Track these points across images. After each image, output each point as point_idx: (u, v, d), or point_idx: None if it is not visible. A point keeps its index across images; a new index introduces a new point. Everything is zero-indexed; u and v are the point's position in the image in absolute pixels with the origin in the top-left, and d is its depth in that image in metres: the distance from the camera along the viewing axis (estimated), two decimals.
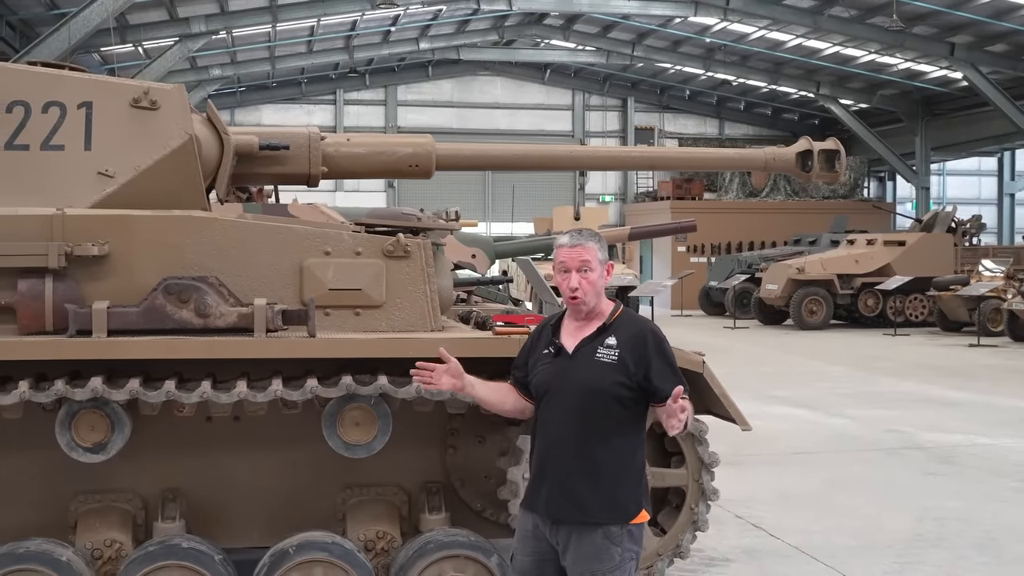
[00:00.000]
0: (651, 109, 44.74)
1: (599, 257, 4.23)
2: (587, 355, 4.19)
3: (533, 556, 4.27)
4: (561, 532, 4.17)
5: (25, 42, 25.74)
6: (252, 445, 5.77)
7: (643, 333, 4.21)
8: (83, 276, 5.34)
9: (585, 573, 4.12)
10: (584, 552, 4.13)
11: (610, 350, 4.16)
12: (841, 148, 7.46)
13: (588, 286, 4.20)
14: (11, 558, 5.20)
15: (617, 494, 4.15)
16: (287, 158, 6.58)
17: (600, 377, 4.14)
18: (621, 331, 4.21)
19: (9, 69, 5.95)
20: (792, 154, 7.44)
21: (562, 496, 4.14)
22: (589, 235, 4.29)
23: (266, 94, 42.14)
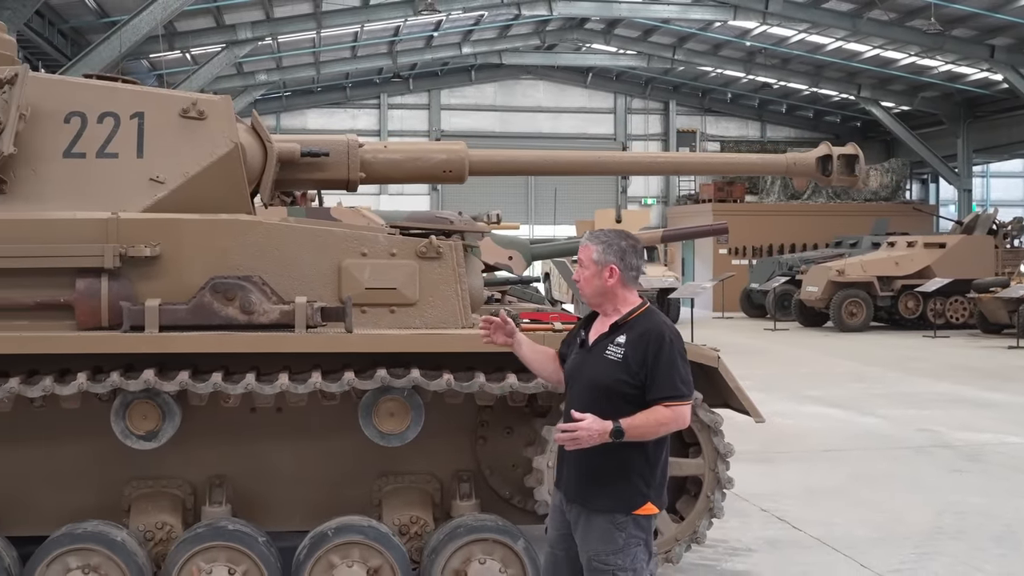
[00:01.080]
0: (693, 112, 44.82)
1: (593, 257, 4.50)
2: (599, 351, 4.49)
3: (560, 530, 4.60)
4: (574, 511, 4.50)
5: (76, 50, 26.34)
6: (293, 435, 6.12)
7: (648, 335, 4.43)
8: (136, 275, 5.69)
9: (590, 552, 4.41)
10: (591, 534, 4.42)
11: (617, 348, 4.43)
12: (860, 153, 7.68)
13: (583, 281, 4.56)
14: (70, 538, 5.58)
15: (622, 486, 4.40)
16: (327, 164, 6.92)
17: (605, 373, 4.42)
18: (632, 331, 4.46)
19: (67, 82, 6.34)
20: (812, 159, 7.69)
21: (576, 480, 4.45)
22: (599, 237, 4.57)
23: (311, 98, 42.57)
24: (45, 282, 5.63)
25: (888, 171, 39.64)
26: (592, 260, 4.50)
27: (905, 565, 7.38)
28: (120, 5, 25.74)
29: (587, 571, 4.47)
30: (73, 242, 5.65)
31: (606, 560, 4.39)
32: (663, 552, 6.09)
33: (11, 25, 19.01)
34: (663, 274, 29.54)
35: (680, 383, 4.42)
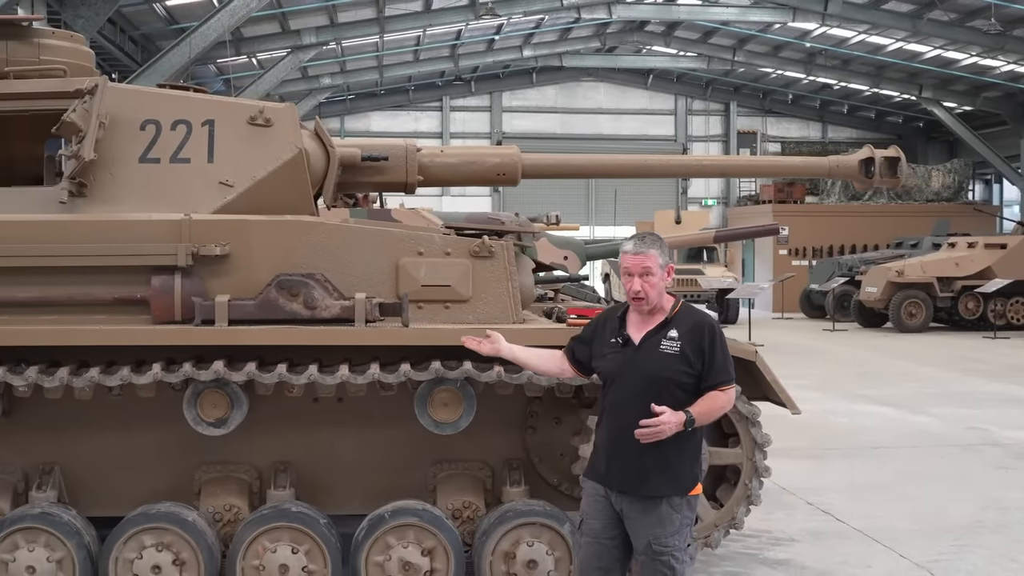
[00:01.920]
0: (754, 113, 44.79)
1: (659, 262, 4.80)
2: (652, 346, 4.78)
3: (604, 520, 4.88)
4: (625, 501, 4.79)
5: (146, 56, 27.01)
6: (354, 423, 6.46)
7: (701, 326, 4.80)
8: (207, 273, 6.05)
9: (650, 537, 4.72)
10: (649, 520, 4.73)
11: (673, 342, 4.75)
12: (902, 156, 7.88)
13: (650, 289, 4.79)
14: (145, 517, 5.98)
15: (677, 469, 4.75)
16: (387, 168, 7.26)
17: (665, 366, 4.73)
18: (682, 324, 4.79)
19: (142, 92, 6.74)
20: (855, 161, 7.89)
21: (632, 471, 4.74)
22: (652, 242, 4.87)
23: (374, 101, 43.09)
24: (123, 279, 6.00)
25: (950, 171, 39.38)
26: (659, 265, 4.78)
27: (944, 556, 7.58)
28: (189, 12, 26.39)
29: (644, 554, 4.76)
30: (149, 242, 6.02)
31: (665, 543, 4.72)
32: (703, 537, 6.36)
33: (85, 33, 19.62)
34: (722, 275, 29.64)
35: (730, 368, 4.83)
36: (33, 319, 5.96)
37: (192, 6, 26.21)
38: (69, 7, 19.93)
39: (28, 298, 5.97)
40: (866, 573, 7.24)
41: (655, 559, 4.73)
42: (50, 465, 6.33)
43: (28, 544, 5.90)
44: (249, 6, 23.01)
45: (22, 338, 5.91)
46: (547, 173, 8.03)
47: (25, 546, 5.89)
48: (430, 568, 6.03)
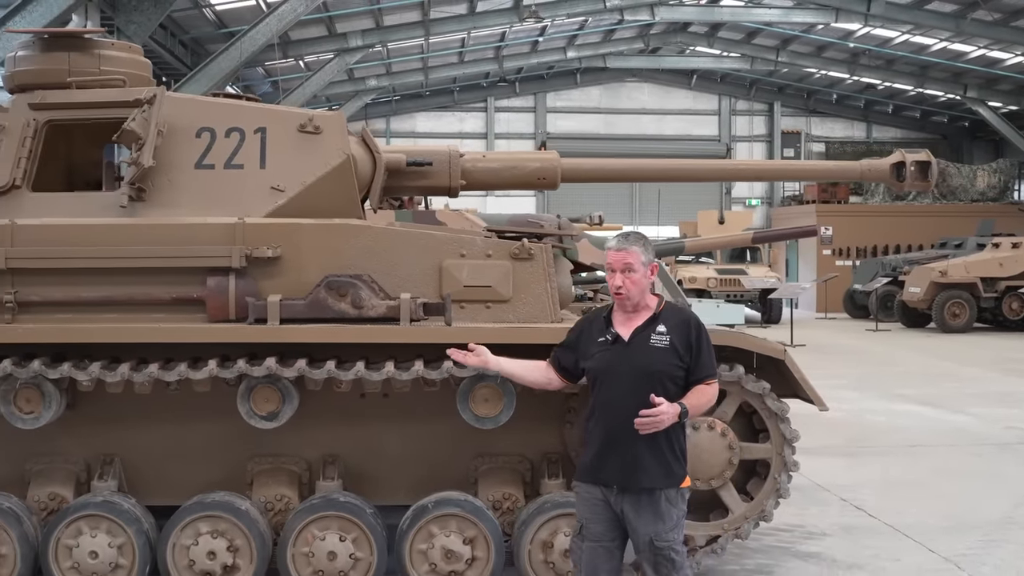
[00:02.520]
0: (798, 113, 44.66)
1: (642, 259, 4.99)
2: (642, 341, 4.98)
3: (605, 523, 5.04)
4: (626, 499, 4.95)
5: (196, 60, 27.47)
6: (399, 418, 6.72)
7: (688, 322, 5.03)
8: (259, 274, 6.34)
9: (651, 533, 4.90)
10: (648, 516, 4.92)
11: (662, 336, 4.96)
12: (933, 160, 8.04)
13: (631, 284, 4.99)
14: (200, 506, 6.30)
15: (671, 462, 4.94)
16: (431, 173, 7.54)
17: (657, 359, 4.93)
18: (669, 320, 5.01)
19: (199, 101, 7.06)
20: (887, 165, 8.07)
21: (628, 465, 4.91)
22: (635, 239, 5.07)
23: (420, 102, 43.36)
24: (179, 279, 6.31)
25: (996, 171, 39.18)
26: (641, 263, 4.98)
27: (971, 551, 7.77)
28: (238, 16, 26.83)
29: (646, 551, 4.93)
30: (204, 244, 6.32)
31: (666, 537, 4.90)
32: (733, 529, 6.59)
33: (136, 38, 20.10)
34: (765, 275, 29.74)
35: (714, 363, 5.07)
36: (96, 317, 6.28)
37: (241, 10, 26.65)
38: (122, 13, 20.37)
39: (91, 298, 6.29)
40: (895, 566, 7.44)
41: (658, 554, 4.90)
42: (111, 456, 6.64)
43: (91, 530, 6.23)
44: (296, 11, 23.39)
45: (86, 335, 6.24)
46: (586, 177, 8.29)
47: (88, 532, 6.23)
48: (471, 556, 6.30)
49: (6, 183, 6.58)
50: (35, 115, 6.75)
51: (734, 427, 6.55)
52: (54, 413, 6.26)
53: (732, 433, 6.50)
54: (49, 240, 6.32)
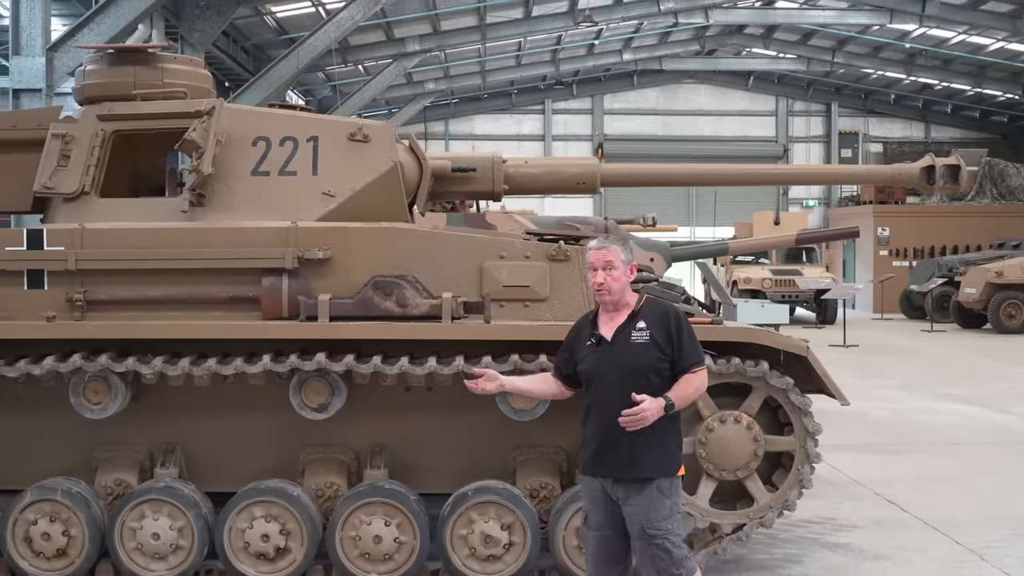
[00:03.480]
0: (855, 113, 44.52)
1: (621, 258, 5.25)
2: (624, 339, 5.22)
3: (605, 513, 5.30)
4: (620, 489, 5.21)
5: (258, 65, 28.12)
6: (442, 410, 7.08)
7: (666, 315, 5.24)
8: (311, 274, 6.75)
9: (643, 522, 5.15)
10: (641, 504, 5.16)
11: (642, 332, 5.19)
12: (962, 163, 8.27)
13: (612, 282, 5.23)
14: (255, 492, 6.72)
15: (662, 452, 5.18)
16: (475, 178, 7.91)
17: (638, 355, 5.16)
18: (648, 315, 5.24)
19: (255, 112, 7.49)
20: (917, 169, 8.31)
21: (622, 457, 5.16)
22: (615, 240, 5.35)
23: (478, 105, 43.85)
24: (236, 279, 6.74)
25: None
26: (621, 261, 5.24)
27: (997, 544, 8.00)
28: (298, 23, 27.44)
29: (640, 540, 5.16)
30: (259, 246, 6.75)
31: (658, 526, 5.12)
32: (758, 517, 6.90)
33: (200, 45, 20.76)
34: (820, 275, 29.85)
35: (699, 350, 5.26)
36: (159, 315, 6.73)
37: (301, 17, 27.26)
38: (185, 21, 21.00)
39: (154, 296, 6.75)
40: (920, 557, 7.70)
41: (650, 543, 5.12)
42: (172, 445, 7.08)
43: (153, 514, 6.68)
44: (354, 18, 23.93)
45: (149, 332, 6.69)
46: (622, 182, 8.63)
47: (151, 515, 6.67)
48: (508, 541, 6.66)
49: (76, 190, 7.05)
50: (103, 126, 7.21)
51: (760, 421, 6.84)
52: (120, 404, 6.71)
53: (758, 426, 6.79)
54: (115, 243, 6.78)
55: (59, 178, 7.10)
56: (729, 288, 30.66)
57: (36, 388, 6.91)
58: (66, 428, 7.04)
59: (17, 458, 7.13)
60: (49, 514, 6.70)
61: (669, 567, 5.13)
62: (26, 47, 14.53)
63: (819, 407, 6.62)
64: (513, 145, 43.39)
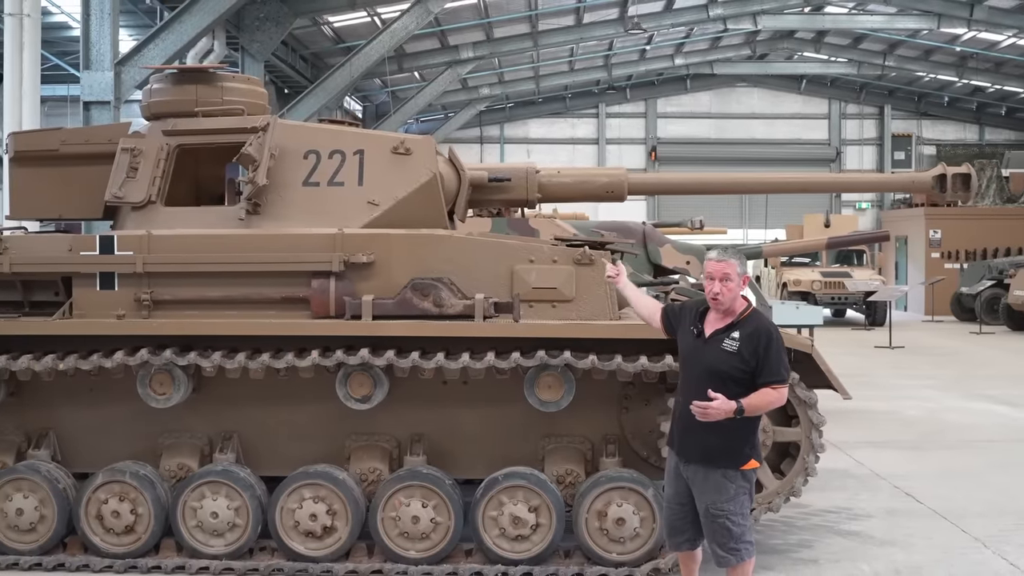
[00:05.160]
0: (909, 116, 44.54)
1: (738, 271, 5.81)
2: (716, 342, 5.81)
3: (675, 488, 6.02)
4: (690, 469, 5.89)
5: (316, 73, 28.91)
6: (476, 402, 7.66)
7: (759, 332, 5.77)
8: (355, 277, 7.35)
9: (708, 502, 5.82)
10: (708, 487, 5.81)
11: (733, 341, 5.75)
12: (973, 172, 8.75)
13: (727, 292, 5.80)
14: (304, 475, 7.36)
15: (731, 446, 5.77)
16: (510, 187, 8.53)
17: (722, 360, 5.74)
18: (745, 327, 5.79)
19: (306, 127, 8.14)
20: (929, 177, 8.80)
21: (694, 443, 5.82)
22: (733, 254, 5.90)
23: (532, 109, 44.41)
24: (288, 281, 7.37)
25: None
26: (737, 273, 5.80)
27: (1001, 532, 8.44)
28: (354, 32, 28.20)
29: (704, 517, 5.85)
30: (309, 251, 7.36)
31: (721, 507, 5.77)
32: (766, 503, 7.42)
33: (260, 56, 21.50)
34: (869, 277, 30.09)
35: (784, 370, 5.79)
36: (217, 314, 7.38)
37: (357, 26, 28.01)
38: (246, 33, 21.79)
39: (214, 297, 7.40)
40: (925, 543, 8.16)
41: (713, 520, 5.80)
42: (230, 432, 7.73)
43: (212, 495, 7.34)
44: (408, 27, 24.62)
45: (209, 329, 7.34)
46: (651, 190, 9.25)
47: (210, 496, 7.33)
48: (535, 523, 7.24)
49: (143, 199, 7.74)
50: (167, 140, 7.89)
51: (769, 413, 7.35)
52: (182, 395, 7.37)
53: (766, 418, 7.31)
54: (179, 248, 7.45)
55: (128, 188, 7.78)
56: (779, 290, 31.03)
57: (107, 380, 7.60)
58: (134, 417, 7.72)
59: (90, 444, 7.84)
60: (119, 494, 7.38)
61: (727, 542, 5.77)
62: (96, 62, 15.31)
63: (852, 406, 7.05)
64: (567, 149, 43.99)
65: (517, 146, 44.16)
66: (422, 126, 42.51)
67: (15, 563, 7.40)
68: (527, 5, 29.82)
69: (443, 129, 41.81)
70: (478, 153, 43.75)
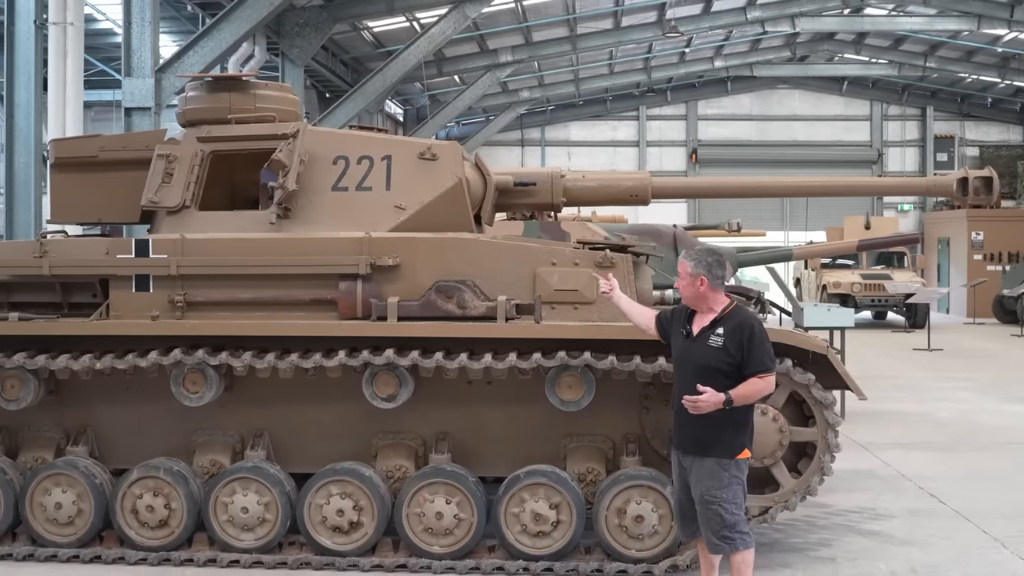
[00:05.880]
0: (951, 117, 44.18)
1: (689, 271, 6.22)
2: (703, 339, 6.17)
3: (681, 483, 6.36)
4: (688, 459, 6.22)
5: (357, 77, 29.22)
6: (500, 402, 7.83)
7: (742, 326, 6.13)
8: (382, 279, 7.54)
9: (702, 489, 6.11)
10: (702, 475, 6.13)
11: (719, 337, 6.12)
12: (995, 175, 8.83)
13: (681, 288, 6.31)
14: (332, 472, 7.56)
15: (723, 436, 6.10)
16: (535, 192, 8.71)
17: (709, 356, 6.10)
18: (728, 323, 6.15)
19: (335, 133, 8.36)
20: (952, 181, 8.87)
21: (690, 435, 6.17)
22: (691, 256, 6.32)
23: (573, 112, 44.50)
24: (316, 283, 7.58)
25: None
26: (688, 272, 6.19)
27: (1022, 533, 8.50)
28: (393, 36, 28.48)
29: (699, 505, 6.15)
30: (337, 254, 7.57)
31: (714, 494, 6.07)
32: (782, 501, 7.55)
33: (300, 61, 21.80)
34: (910, 279, 29.98)
35: (767, 359, 6.12)
36: (248, 315, 7.61)
37: (396, 31, 28.29)
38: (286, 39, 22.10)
39: (245, 298, 7.63)
40: (944, 543, 8.24)
41: (707, 507, 6.11)
42: (261, 430, 7.95)
43: (243, 490, 7.57)
44: (446, 32, 24.88)
45: (240, 330, 7.57)
46: (674, 194, 9.38)
47: (241, 492, 7.57)
48: (556, 519, 7.41)
49: (178, 204, 7.99)
50: (202, 147, 8.14)
51: (786, 413, 7.51)
52: (215, 394, 7.60)
53: (783, 418, 7.44)
54: (211, 251, 7.68)
55: (163, 193, 8.03)
56: (819, 292, 31.00)
57: (142, 379, 7.85)
58: (168, 415, 7.96)
59: (126, 440, 8.10)
60: (153, 489, 7.63)
61: (720, 529, 6.08)
62: (137, 69, 15.66)
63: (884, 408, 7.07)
64: (608, 151, 44.09)
65: (558, 149, 44.30)
66: (463, 129, 42.79)
67: (53, 555, 7.67)
68: (565, 9, 30.00)
69: (484, 132, 42.07)
70: (519, 156, 43.96)
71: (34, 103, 15.45)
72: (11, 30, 15.54)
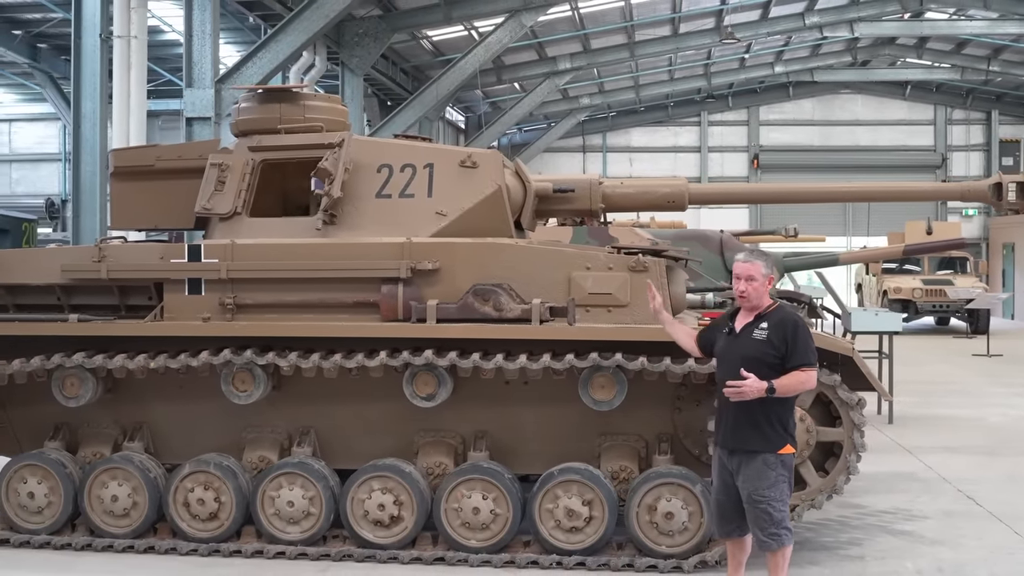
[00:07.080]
0: (1017, 121, 43.66)
1: (762, 272, 6.37)
2: (747, 334, 6.39)
3: (721, 481, 6.52)
4: (734, 459, 6.38)
5: (417, 84, 29.62)
6: (536, 402, 8.08)
7: (786, 321, 6.35)
8: (422, 283, 7.84)
9: (750, 489, 6.29)
10: (750, 474, 6.31)
11: (762, 331, 6.33)
12: None
13: (752, 290, 6.39)
14: (374, 468, 7.86)
15: (768, 432, 6.28)
16: (574, 198, 8.95)
17: (755, 349, 6.30)
18: (772, 319, 6.37)
19: (380, 142, 8.65)
20: (986, 186, 8.98)
21: (735, 433, 6.34)
22: (758, 256, 6.49)
23: (634, 118, 44.69)
24: (360, 287, 7.89)
25: None
26: (761, 274, 6.38)
27: None
28: (452, 45, 28.85)
29: (747, 504, 6.33)
30: (379, 259, 7.87)
31: (763, 493, 6.27)
32: (809, 500, 7.74)
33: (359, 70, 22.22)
34: (972, 285, 29.82)
35: (811, 354, 6.33)
36: (295, 317, 7.94)
37: (455, 40, 28.66)
38: (345, 48, 22.54)
39: (291, 301, 7.97)
40: (975, 543, 8.36)
41: (755, 506, 6.29)
42: (307, 428, 8.28)
43: (289, 485, 7.90)
44: (503, 40, 25.21)
45: (287, 331, 7.91)
46: (711, 200, 9.60)
47: (287, 486, 7.90)
48: (589, 515, 7.65)
49: (230, 210, 8.33)
50: (252, 156, 8.48)
51: (813, 414, 7.70)
52: (262, 392, 7.94)
53: (810, 419, 7.64)
54: (260, 256, 8.03)
55: (216, 200, 8.37)
56: (880, 298, 30.89)
57: (194, 378, 8.21)
58: (219, 412, 8.31)
59: (180, 437, 8.47)
60: (204, 483, 7.98)
61: (768, 527, 6.28)
62: (197, 80, 16.14)
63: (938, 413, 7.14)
64: (669, 157, 44.19)
65: (619, 155, 44.49)
66: (525, 135, 43.10)
67: (110, 545, 8.06)
68: (622, 16, 30.19)
69: (545, 138, 42.34)
70: (580, 162, 44.20)
71: (99, 113, 15.96)
72: (78, 43, 16.08)
